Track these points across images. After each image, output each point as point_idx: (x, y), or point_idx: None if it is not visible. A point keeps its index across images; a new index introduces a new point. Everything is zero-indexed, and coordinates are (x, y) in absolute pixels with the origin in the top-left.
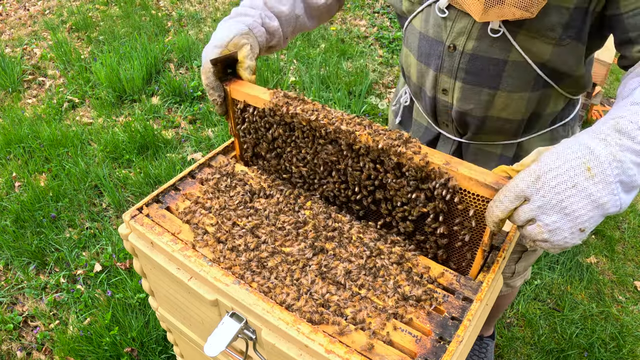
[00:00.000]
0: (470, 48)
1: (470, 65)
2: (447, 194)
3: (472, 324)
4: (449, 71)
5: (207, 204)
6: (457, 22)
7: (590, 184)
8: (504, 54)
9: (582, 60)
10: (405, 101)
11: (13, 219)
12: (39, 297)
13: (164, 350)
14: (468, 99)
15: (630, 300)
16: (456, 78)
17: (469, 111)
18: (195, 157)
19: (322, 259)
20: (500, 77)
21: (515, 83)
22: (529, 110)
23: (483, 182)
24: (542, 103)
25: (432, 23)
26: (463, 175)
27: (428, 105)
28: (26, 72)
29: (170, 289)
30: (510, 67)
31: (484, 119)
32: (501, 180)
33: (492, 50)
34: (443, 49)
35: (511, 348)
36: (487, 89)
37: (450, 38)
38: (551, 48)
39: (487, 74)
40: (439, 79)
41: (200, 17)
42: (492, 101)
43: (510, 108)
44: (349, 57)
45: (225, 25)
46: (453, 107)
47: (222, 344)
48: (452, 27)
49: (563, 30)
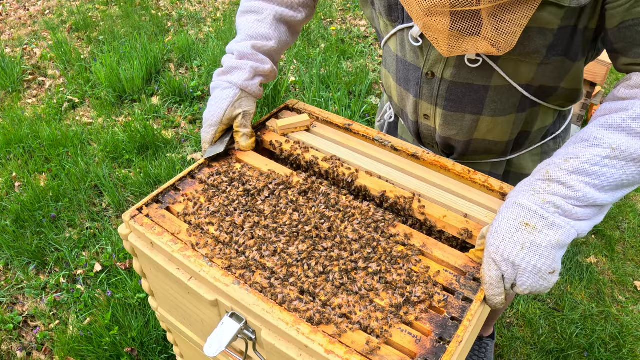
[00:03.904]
0: (448, 75)
1: (450, 93)
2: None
3: (472, 324)
4: (428, 98)
5: (206, 204)
6: (432, 50)
7: (534, 236)
8: (485, 80)
9: (570, 74)
10: (390, 117)
11: (13, 219)
12: (39, 297)
13: (164, 350)
14: (450, 125)
15: (630, 300)
16: (437, 105)
17: (453, 136)
18: (195, 157)
19: (322, 258)
20: (483, 103)
21: (499, 107)
22: (516, 130)
23: (454, 265)
24: (530, 122)
25: (408, 48)
26: (437, 257)
27: (411, 127)
28: (26, 72)
29: (170, 289)
30: (492, 92)
31: (468, 142)
32: (470, 263)
33: (472, 77)
34: (421, 76)
35: (511, 348)
36: (470, 115)
37: (427, 65)
38: (536, 68)
39: (468, 100)
40: (419, 104)
41: (200, 17)
42: (475, 126)
43: (495, 131)
44: (349, 57)
45: (217, 97)
46: (436, 132)
47: (221, 344)
48: (428, 55)
49: (548, 51)
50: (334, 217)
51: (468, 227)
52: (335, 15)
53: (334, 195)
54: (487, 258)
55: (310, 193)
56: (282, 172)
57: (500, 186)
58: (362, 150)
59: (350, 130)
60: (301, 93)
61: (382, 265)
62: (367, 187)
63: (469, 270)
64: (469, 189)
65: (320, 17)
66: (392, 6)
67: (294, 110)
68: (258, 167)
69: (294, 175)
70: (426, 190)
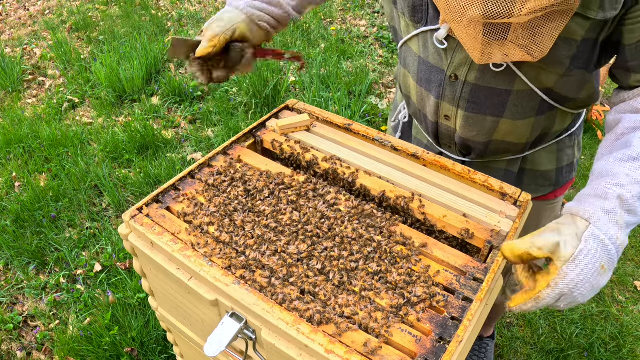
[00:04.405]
0: (472, 79)
1: (473, 95)
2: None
3: (472, 324)
4: (450, 100)
5: (207, 204)
6: (457, 53)
7: (602, 278)
8: (508, 84)
9: (587, 85)
10: (404, 117)
11: (13, 219)
12: (39, 297)
13: (164, 350)
14: (471, 126)
15: (630, 300)
16: (458, 107)
17: (473, 137)
18: (195, 157)
19: (322, 258)
20: (504, 106)
21: (520, 111)
22: (535, 133)
23: (454, 265)
24: (548, 124)
25: (431, 50)
26: (437, 257)
27: (430, 128)
28: (26, 72)
29: (170, 289)
30: (514, 97)
31: (488, 143)
32: (470, 263)
33: (496, 81)
34: (444, 78)
35: (511, 348)
36: (491, 117)
37: (452, 68)
38: (557, 78)
39: (490, 103)
40: (441, 106)
41: (200, 17)
42: (495, 128)
43: (514, 133)
44: (349, 57)
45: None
46: (456, 133)
47: (222, 344)
48: (452, 58)
49: (571, 62)
50: (334, 217)
51: (468, 227)
52: (335, 15)
53: (334, 195)
54: (555, 286)
55: (311, 193)
56: (282, 172)
57: (500, 186)
58: (362, 150)
59: (350, 130)
60: (301, 93)
61: (382, 265)
62: (367, 187)
63: (469, 270)
64: (469, 189)
65: (320, 17)
66: (417, 7)
67: (294, 110)
68: (258, 167)
69: (294, 175)
70: (426, 190)
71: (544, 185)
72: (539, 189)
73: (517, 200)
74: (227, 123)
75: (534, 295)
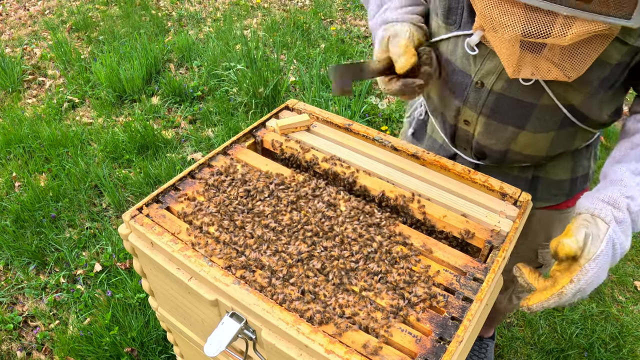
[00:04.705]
0: (499, 88)
1: (497, 104)
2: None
3: (472, 324)
4: (473, 105)
5: (207, 204)
6: (487, 61)
7: (607, 270)
8: (534, 98)
9: (610, 105)
10: (420, 114)
11: (13, 219)
12: (39, 297)
13: (164, 350)
14: (490, 134)
15: (630, 300)
16: (480, 113)
17: (491, 145)
18: (195, 157)
19: (322, 258)
20: (527, 119)
21: (542, 124)
22: (554, 148)
23: (454, 265)
24: (569, 141)
25: (460, 54)
26: (437, 257)
27: (447, 129)
28: (26, 72)
29: (170, 289)
30: (538, 110)
31: (505, 152)
32: (470, 263)
33: (522, 93)
34: (470, 83)
35: (511, 348)
36: (512, 127)
37: (479, 75)
38: (584, 97)
39: (513, 114)
40: (462, 110)
41: (200, 17)
42: (515, 139)
43: (533, 146)
44: (349, 57)
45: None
46: (474, 138)
47: (222, 344)
48: (481, 65)
49: (599, 83)
50: (334, 217)
51: (468, 227)
52: (335, 15)
53: (334, 195)
54: (578, 281)
55: (310, 193)
56: (282, 172)
57: (500, 186)
58: (362, 150)
59: (350, 130)
60: (301, 93)
61: (382, 265)
62: (367, 186)
63: (469, 270)
64: (469, 189)
65: (320, 17)
66: (452, 9)
67: (294, 110)
68: (258, 167)
69: (294, 175)
70: (426, 190)
71: (557, 194)
72: (551, 198)
73: (517, 200)
74: (227, 123)
75: (557, 290)
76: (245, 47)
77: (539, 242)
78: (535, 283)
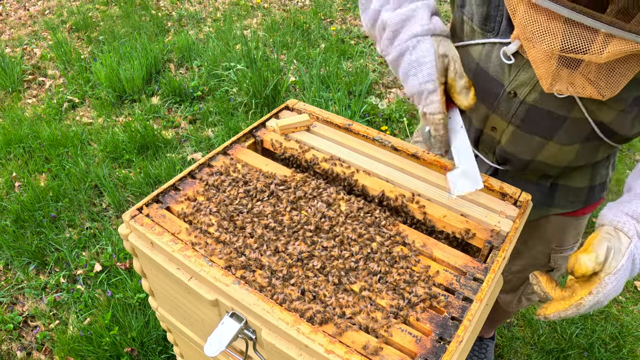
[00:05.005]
0: (531, 99)
1: (528, 115)
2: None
3: (472, 324)
4: (503, 114)
5: (207, 204)
6: (522, 71)
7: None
8: (566, 111)
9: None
10: None
11: (13, 219)
12: (39, 297)
13: (164, 350)
14: (517, 143)
15: (630, 300)
16: (510, 122)
17: (516, 153)
18: (195, 157)
19: (322, 258)
20: (557, 130)
21: (570, 136)
22: (577, 160)
23: (454, 265)
24: (592, 154)
25: (494, 62)
26: (437, 257)
27: (472, 133)
28: (26, 72)
29: (170, 289)
30: (569, 123)
31: (529, 161)
32: (470, 263)
33: (555, 106)
34: (502, 93)
35: (511, 348)
36: (540, 138)
37: (512, 85)
38: (615, 114)
39: (543, 125)
40: (491, 117)
41: (200, 17)
42: (541, 149)
43: (558, 157)
44: (349, 57)
45: (416, 58)
46: (499, 145)
47: (222, 344)
48: (516, 75)
49: (633, 101)
50: (334, 217)
51: (468, 227)
52: (335, 15)
53: (334, 195)
54: (597, 294)
55: (310, 193)
56: (282, 172)
57: (500, 186)
58: (362, 150)
59: (350, 130)
60: (301, 93)
61: (382, 265)
62: (367, 186)
63: (469, 270)
64: None
65: (320, 17)
66: (491, 17)
67: (294, 110)
68: (258, 167)
69: (294, 175)
70: (426, 190)
71: (574, 201)
72: (568, 205)
73: (517, 200)
74: (227, 123)
75: (576, 301)
76: (245, 47)
77: (552, 247)
78: (552, 292)
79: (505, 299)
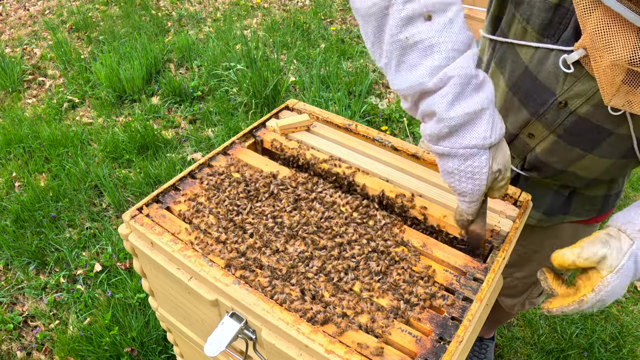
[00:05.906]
0: (583, 111)
1: (574, 126)
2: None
3: (472, 324)
4: (548, 123)
5: (207, 204)
6: (579, 82)
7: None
8: (615, 126)
9: None
10: None
11: (13, 219)
12: (39, 297)
13: (164, 350)
14: (555, 153)
15: (630, 300)
16: (553, 132)
17: (550, 162)
18: (195, 157)
19: (322, 258)
20: (600, 144)
21: (609, 150)
22: (607, 172)
23: (454, 265)
24: (621, 169)
25: (547, 68)
26: (437, 257)
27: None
28: (26, 72)
29: (170, 289)
30: (613, 138)
31: (561, 171)
32: (470, 263)
33: (605, 120)
34: (552, 101)
35: (511, 348)
36: (580, 150)
37: (565, 95)
38: None
39: (588, 138)
40: (532, 124)
41: (200, 17)
42: (578, 160)
43: (592, 168)
44: (349, 57)
45: (470, 171)
46: (534, 152)
47: (222, 344)
48: (572, 85)
49: None
50: (334, 217)
51: None
52: (335, 15)
53: (334, 195)
54: (599, 292)
55: (310, 193)
56: (282, 172)
57: None
58: (362, 150)
59: (350, 130)
60: (301, 93)
61: (382, 265)
62: (367, 186)
63: (469, 270)
64: None
65: (320, 17)
66: (554, 24)
67: (294, 110)
68: (258, 167)
69: (294, 175)
70: (426, 190)
71: (590, 210)
72: (583, 213)
73: (517, 200)
74: (227, 123)
75: (578, 298)
76: (245, 47)
77: None
78: (557, 288)
79: (510, 302)
